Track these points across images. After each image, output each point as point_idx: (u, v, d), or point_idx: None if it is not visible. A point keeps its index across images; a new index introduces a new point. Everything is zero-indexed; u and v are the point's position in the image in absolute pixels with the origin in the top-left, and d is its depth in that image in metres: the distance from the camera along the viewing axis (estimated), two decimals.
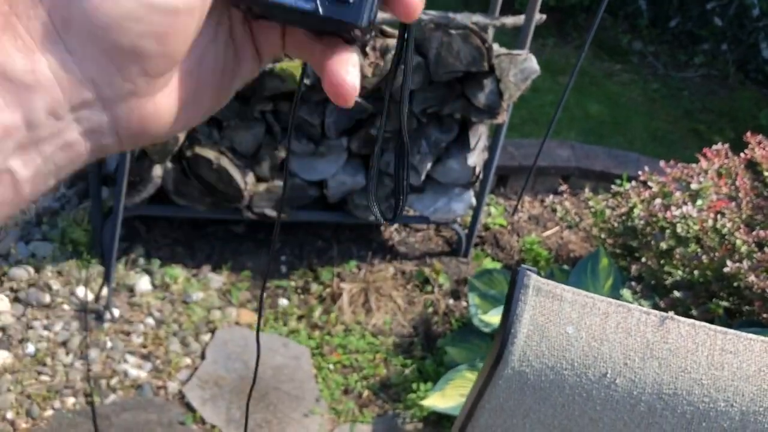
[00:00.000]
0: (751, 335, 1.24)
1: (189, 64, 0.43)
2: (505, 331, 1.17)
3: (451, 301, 2.89)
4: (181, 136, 2.49)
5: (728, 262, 2.35)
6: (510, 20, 2.56)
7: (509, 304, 1.16)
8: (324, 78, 0.45)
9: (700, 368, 1.23)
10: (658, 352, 1.24)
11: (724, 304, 2.40)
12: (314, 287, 2.84)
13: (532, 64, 2.53)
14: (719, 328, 1.26)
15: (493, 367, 1.22)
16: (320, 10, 0.42)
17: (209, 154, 2.57)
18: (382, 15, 0.46)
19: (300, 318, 2.73)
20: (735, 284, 2.38)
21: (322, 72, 0.45)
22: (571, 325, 1.22)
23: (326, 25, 0.43)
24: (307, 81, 2.43)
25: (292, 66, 2.41)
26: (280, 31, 0.47)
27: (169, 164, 2.60)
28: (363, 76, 2.43)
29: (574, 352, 1.19)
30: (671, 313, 1.28)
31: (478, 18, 2.48)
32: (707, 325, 1.23)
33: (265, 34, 0.48)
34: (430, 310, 2.85)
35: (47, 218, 2.87)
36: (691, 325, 1.27)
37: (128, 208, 2.63)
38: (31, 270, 2.64)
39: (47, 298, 2.55)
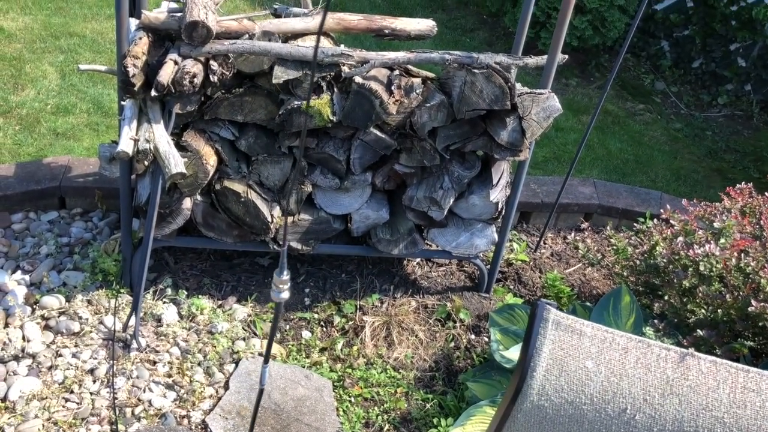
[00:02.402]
0: None
1: None
2: (524, 365, 1.19)
3: (472, 336, 2.90)
4: (211, 171, 2.56)
5: (753, 302, 2.34)
6: (533, 60, 2.62)
7: (529, 338, 1.18)
8: None
9: (721, 406, 1.23)
10: (678, 388, 1.25)
11: (749, 344, 2.38)
12: (337, 320, 2.87)
13: (555, 102, 2.57)
14: (741, 365, 1.27)
15: (512, 400, 1.24)
16: None
17: (238, 187, 2.63)
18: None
19: (322, 350, 2.76)
20: (760, 324, 2.37)
21: None
22: (590, 359, 1.23)
23: None
24: (333, 118, 2.50)
25: (320, 103, 2.47)
26: None
27: (198, 197, 2.67)
28: (387, 114, 2.50)
29: (594, 387, 1.20)
30: (692, 350, 1.29)
31: (502, 58, 2.54)
32: (728, 362, 1.24)
33: None
34: (452, 344, 2.86)
35: (79, 248, 2.95)
36: (712, 362, 1.28)
37: (158, 239, 2.70)
38: (62, 299, 2.70)
39: (77, 327, 2.61)
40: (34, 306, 2.68)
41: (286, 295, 1.67)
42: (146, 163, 2.46)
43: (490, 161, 2.79)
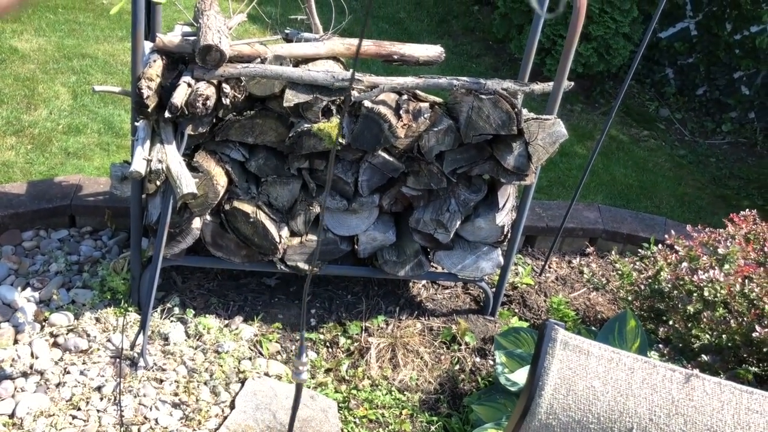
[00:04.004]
0: None
1: None
2: (532, 384, 1.21)
3: (477, 359, 2.91)
4: (221, 192, 2.60)
5: (757, 328, 2.35)
6: (539, 87, 2.66)
7: (537, 357, 1.20)
8: None
9: (726, 427, 1.25)
10: (683, 409, 1.27)
11: (754, 369, 2.39)
12: (342, 341, 2.89)
13: (561, 128, 2.61)
14: (745, 387, 1.29)
15: (521, 418, 1.26)
16: None
17: (247, 208, 2.67)
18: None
19: (328, 371, 2.77)
20: (765, 350, 2.38)
21: None
22: (597, 379, 1.25)
23: None
24: (342, 140, 2.54)
25: (329, 127, 2.52)
26: None
27: (208, 217, 2.71)
28: (396, 137, 2.54)
29: (601, 407, 1.22)
30: (696, 371, 1.31)
31: (509, 84, 2.58)
32: (733, 384, 1.26)
33: None
34: (457, 367, 2.87)
35: (89, 266, 2.98)
36: (716, 383, 1.30)
37: (167, 258, 2.73)
38: (71, 316, 2.73)
39: (85, 344, 2.63)
40: (43, 323, 2.70)
41: (305, 376, 1.76)
42: (158, 183, 2.49)
43: (496, 185, 2.82)
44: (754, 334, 2.36)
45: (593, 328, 2.99)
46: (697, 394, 1.23)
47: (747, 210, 2.92)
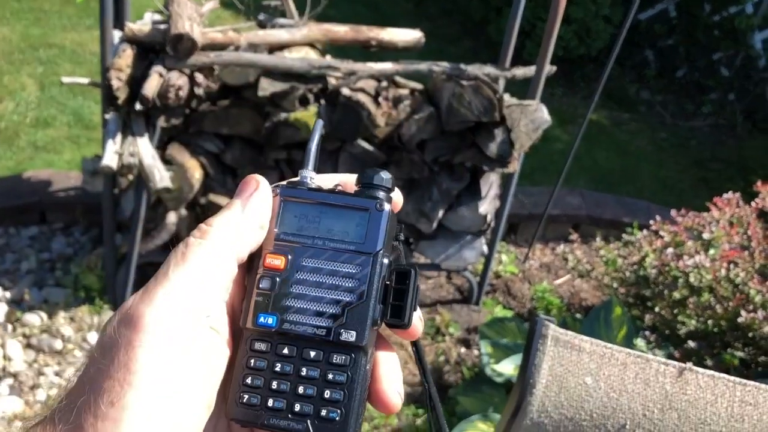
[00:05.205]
0: None
1: None
2: (524, 382, 1.16)
3: (462, 350, 2.87)
4: (197, 185, 2.52)
5: (742, 312, 2.33)
6: (521, 71, 2.61)
7: (528, 355, 1.15)
8: None
9: (720, 420, 1.22)
10: (677, 403, 1.23)
11: (740, 354, 2.37)
12: None
13: (543, 114, 2.56)
14: (738, 379, 1.25)
15: (512, 417, 1.21)
16: (311, 430, 0.50)
17: (223, 201, 2.59)
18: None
19: None
20: (750, 334, 2.36)
21: None
22: (589, 375, 1.21)
23: None
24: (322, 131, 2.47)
25: (306, 116, 2.45)
26: None
27: (183, 211, 2.63)
28: (375, 126, 2.47)
29: (593, 403, 1.18)
30: (689, 364, 1.27)
31: (490, 69, 2.53)
32: (726, 376, 1.23)
33: None
34: (442, 358, 2.83)
35: (61, 264, 2.89)
36: (710, 376, 1.26)
37: (142, 254, 2.65)
38: (44, 316, 2.64)
39: (59, 345, 2.55)
40: (15, 324, 2.62)
41: None
42: (131, 177, 2.41)
43: (478, 173, 2.77)
44: (739, 319, 2.34)
45: (578, 315, 2.96)
46: (690, 387, 1.18)
47: (730, 193, 2.90)
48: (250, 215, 0.51)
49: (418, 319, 0.54)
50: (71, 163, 3.38)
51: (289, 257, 0.51)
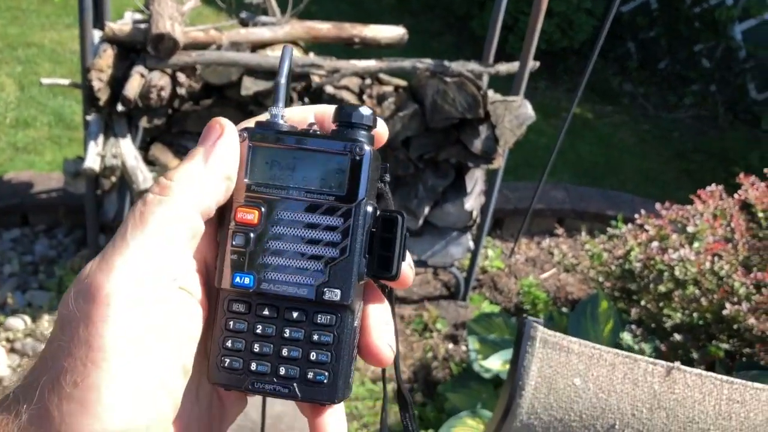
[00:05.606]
0: (757, 384, 1.24)
1: (177, 430, 0.45)
2: (513, 384, 1.16)
3: (450, 346, 2.88)
4: None
5: (727, 305, 2.35)
6: (504, 68, 2.61)
7: (516, 357, 1.15)
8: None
9: (707, 418, 1.22)
10: (665, 402, 1.24)
11: (725, 346, 2.40)
12: None
13: (527, 110, 2.56)
14: (726, 377, 1.26)
15: (502, 419, 1.21)
16: (298, 394, 0.47)
17: None
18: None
19: None
20: (735, 326, 2.39)
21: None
22: (578, 376, 1.21)
23: (305, 402, 0.49)
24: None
25: None
26: None
27: None
28: None
29: (582, 404, 1.18)
30: (677, 363, 1.28)
31: (474, 66, 2.52)
32: (714, 374, 1.23)
33: None
34: (430, 355, 2.83)
35: (44, 267, 2.86)
36: (697, 375, 1.27)
37: None
38: (28, 320, 2.61)
39: None
40: None
41: None
42: (113, 179, 2.39)
43: (463, 170, 2.77)
44: (724, 312, 2.36)
45: (565, 309, 2.97)
46: (678, 386, 1.19)
47: (713, 185, 2.92)
48: (214, 165, 0.46)
49: (408, 268, 0.50)
50: (53, 164, 3.35)
51: (263, 210, 0.47)
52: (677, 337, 2.42)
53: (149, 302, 0.42)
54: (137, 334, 0.41)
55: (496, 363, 2.61)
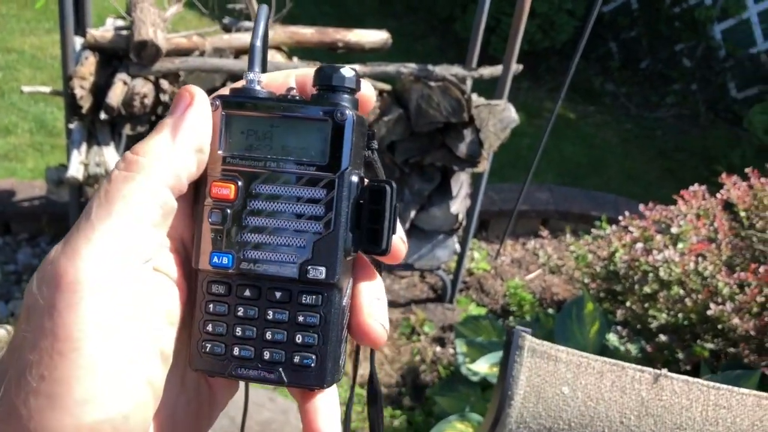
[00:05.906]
0: (743, 390, 1.26)
1: (162, 417, 0.43)
2: (502, 394, 1.16)
3: (438, 349, 2.89)
4: None
5: (711, 305, 2.38)
6: (488, 71, 2.61)
7: (505, 366, 1.16)
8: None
9: (695, 424, 1.24)
10: (653, 409, 1.25)
11: (710, 346, 2.42)
12: None
13: (511, 113, 2.57)
14: (712, 383, 1.28)
15: (491, 429, 1.21)
16: (285, 379, 0.45)
17: None
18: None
19: None
20: (719, 326, 2.41)
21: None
22: (566, 385, 1.22)
23: (292, 387, 0.46)
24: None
25: None
26: None
27: None
28: None
29: (571, 413, 1.19)
30: (665, 370, 1.29)
31: (457, 70, 2.53)
32: (700, 381, 1.25)
33: None
34: (417, 358, 2.84)
35: (27, 276, 2.83)
36: (684, 381, 1.28)
37: None
38: (11, 330, 2.58)
39: None
40: None
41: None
42: (97, 187, 2.37)
43: (449, 173, 2.77)
44: (708, 312, 2.38)
45: (551, 310, 2.99)
46: (666, 393, 1.20)
47: (696, 185, 2.95)
48: (183, 137, 0.43)
49: (399, 241, 0.47)
50: (35, 171, 3.31)
51: (240, 184, 0.44)
52: (663, 337, 2.44)
53: (118, 285, 0.39)
54: (106, 319, 0.38)
55: (484, 366, 2.61)
